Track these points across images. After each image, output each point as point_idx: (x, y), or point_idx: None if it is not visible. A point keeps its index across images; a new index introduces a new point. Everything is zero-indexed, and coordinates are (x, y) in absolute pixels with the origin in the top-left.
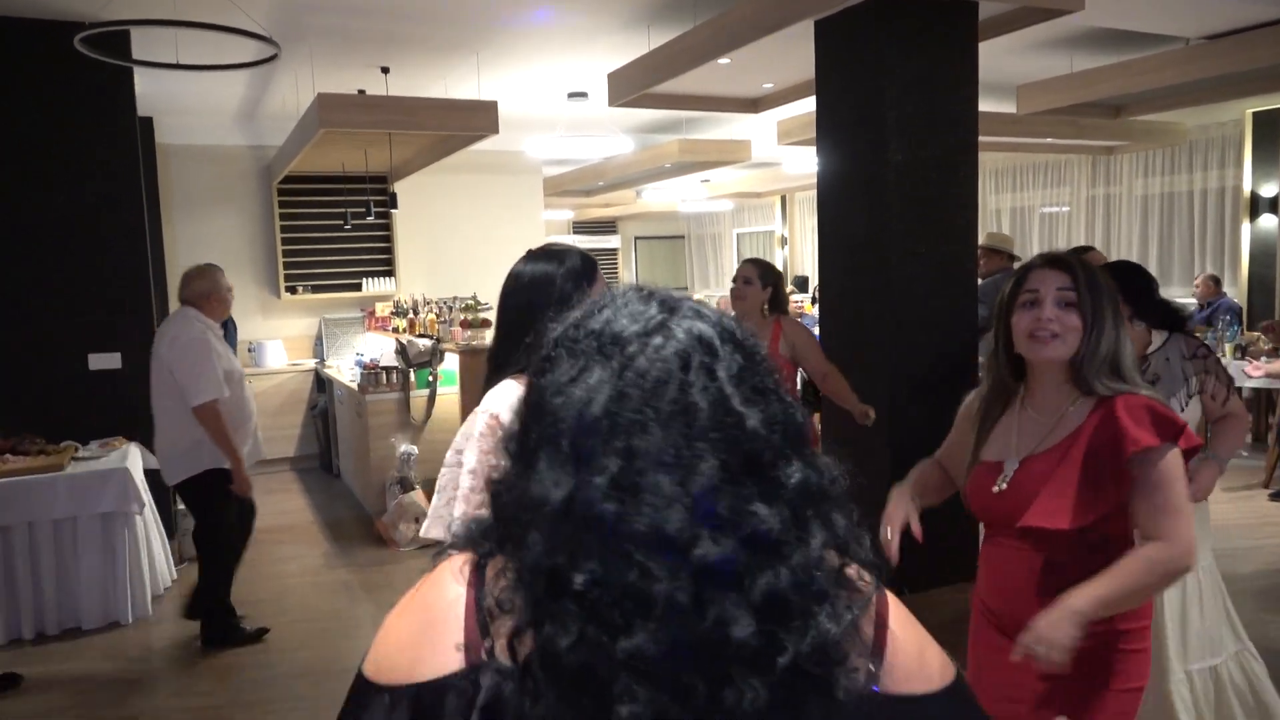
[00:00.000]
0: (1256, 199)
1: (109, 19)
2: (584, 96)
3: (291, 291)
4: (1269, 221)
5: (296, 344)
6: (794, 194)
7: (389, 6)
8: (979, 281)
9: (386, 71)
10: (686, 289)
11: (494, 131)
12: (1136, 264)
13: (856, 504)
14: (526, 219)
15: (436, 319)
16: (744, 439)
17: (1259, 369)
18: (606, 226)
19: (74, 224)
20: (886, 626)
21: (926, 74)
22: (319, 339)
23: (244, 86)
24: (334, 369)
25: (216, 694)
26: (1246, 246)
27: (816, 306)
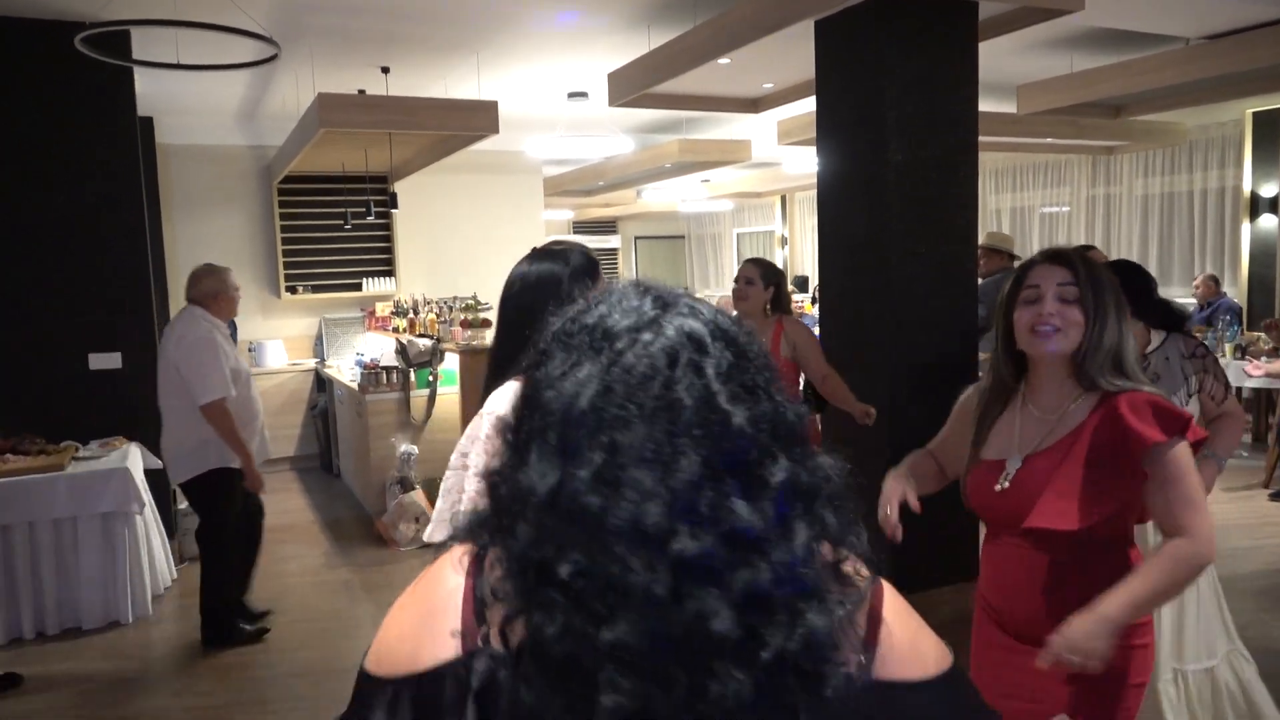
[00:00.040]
0: (1256, 199)
1: (109, 19)
2: (584, 96)
3: (292, 291)
4: (1269, 221)
5: (297, 344)
6: (794, 194)
7: (389, 6)
8: (979, 281)
9: (387, 71)
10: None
11: (494, 131)
12: (1135, 263)
13: (857, 502)
14: (527, 219)
15: (437, 319)
16: (728, 436)
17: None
18: (607, 226)
19: (74, 224)
20: (880, 617)
21: (927, 74)
22: (319, 339)
23: (244, 86)
24: (334, 369)
25: (217, 694)
26: (1246, 246)
27: (816, 306)
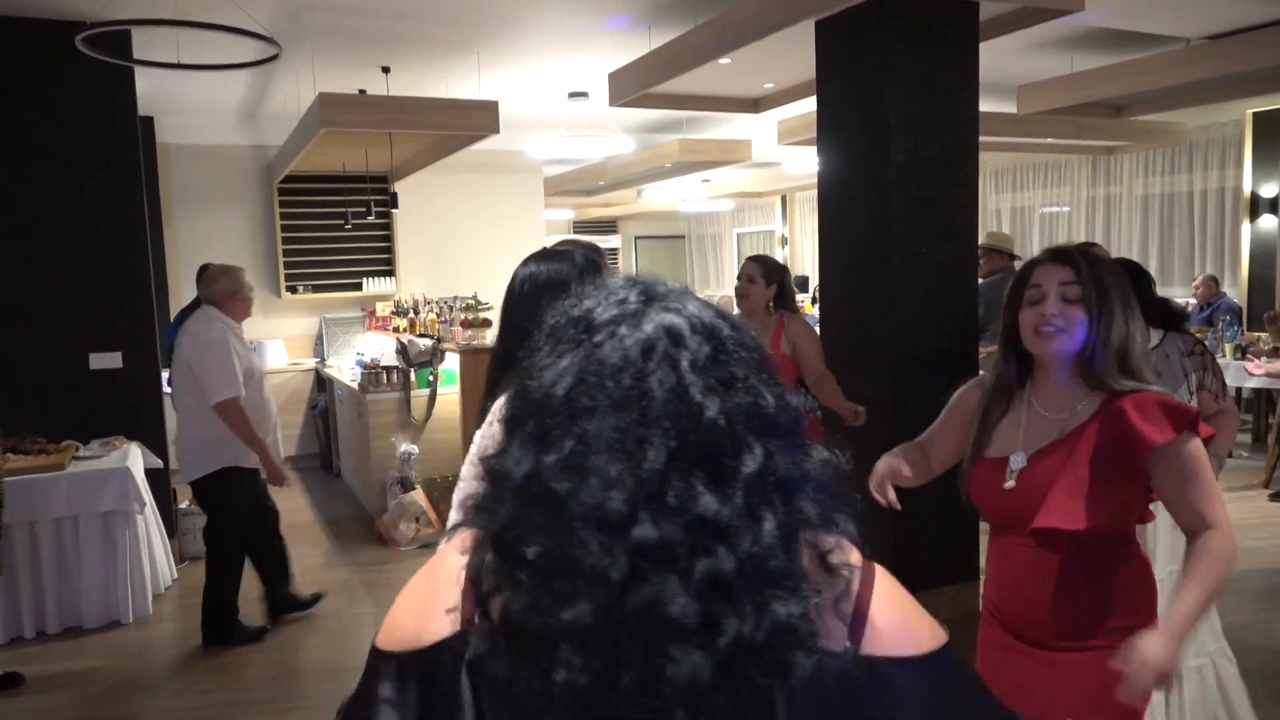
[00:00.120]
0: (1257, 199)
1: (110, 19)
2: (585, 96)
3: (292, 291)
4: (1269, 222)
5: (297, 343)
6: (794, 194)
7: (390, 6)
8: (979, 281)
9: (387, 71)
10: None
11: (495, 131)
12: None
13: (850, 492)
14: (527, 219)
15: (437, 318)
16: (699, 428)
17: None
18: (607, 226)
19: (75, 223)
20: (870, 599)
21: (927, 74)
22: (319, 338)
23: (245, 86)
24: (334, 368)
25: (217, 693)
26: (1246, 247)
27: (817, 306)
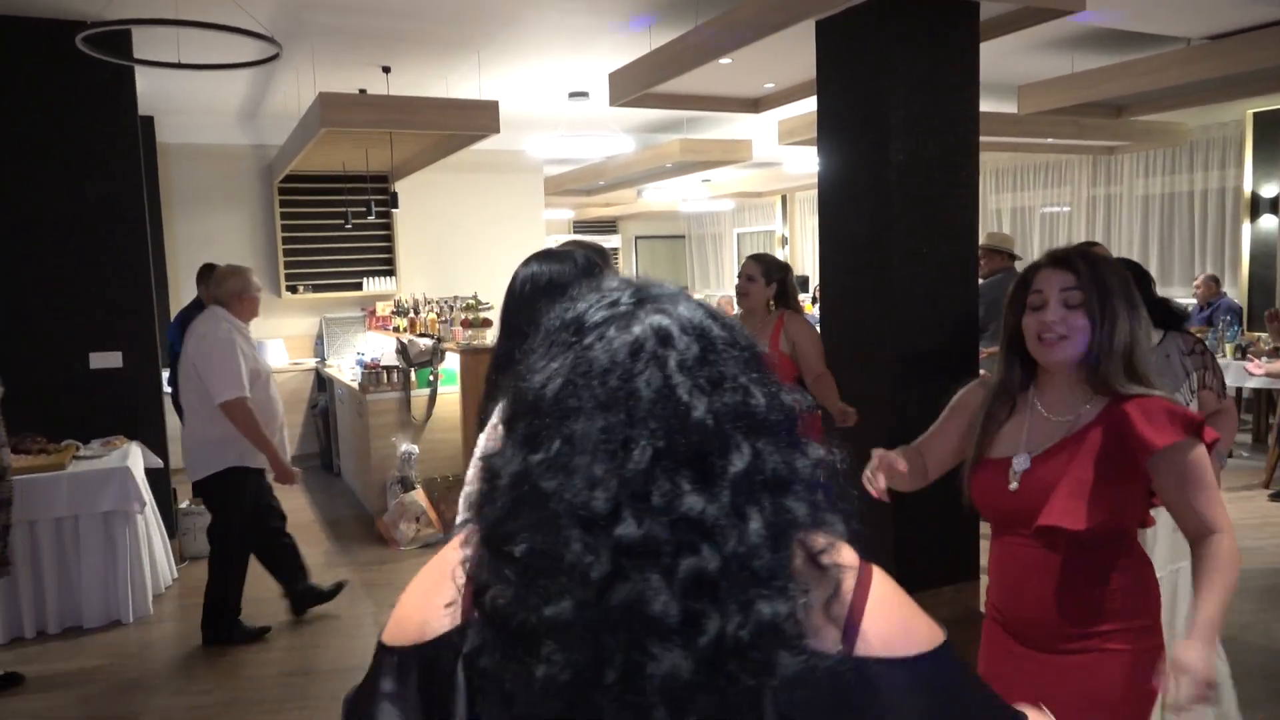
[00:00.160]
0: (1257, 199)
1: (111, 18)
2: (585, 96)
3: (292, 290)
4: (1269, 222)
5: (297, 343)
6: (795, 194)
7: (390, 5)
8: (980, 281)
9: (388, 71)
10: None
11: (495, 131)
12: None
13: (847, 492)
14: (527, 218)
15: (437, 318)
16: (686, 428)
17: (1260, 368)
18: (607, 226)
19: (75, 223)
20: (865, 600)
21: (928, 74)
22: (320, 338)
23: (245, 86)
24: (335, 368)
25: (217, 692)
26: (1247, 247)
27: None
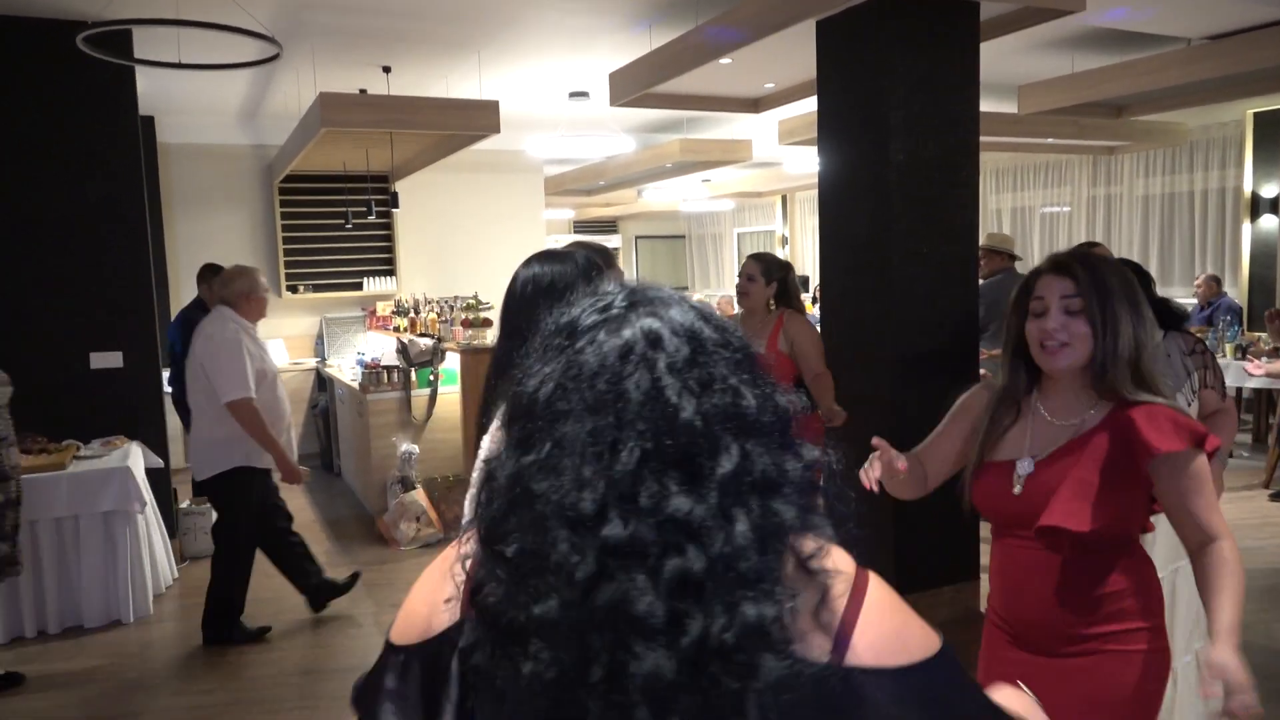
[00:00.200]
0: (1257, 199)
1: (111, 18)
2: (585, 96)
3: (293, 290)
4: (1270, 222)
5: (297, 343)
6: (795, 194)
7: (390, 5)
8: (980, 282)
9: (388, 71)
10: (687, 288)
11: (495, 131)
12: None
13: (843, 494)
14: (528, 218)
15: (438, 318)
16: (674, 429)
17: (1259, 369)
18: (607, 226)
19: (75, 223)
20: (860, 607)
21: (928, 74)
22: (320, 338)
23: (245, 85)
24: (335, 368)
25: (217, 692)
26: (1247, 247)
27: (817, 306)
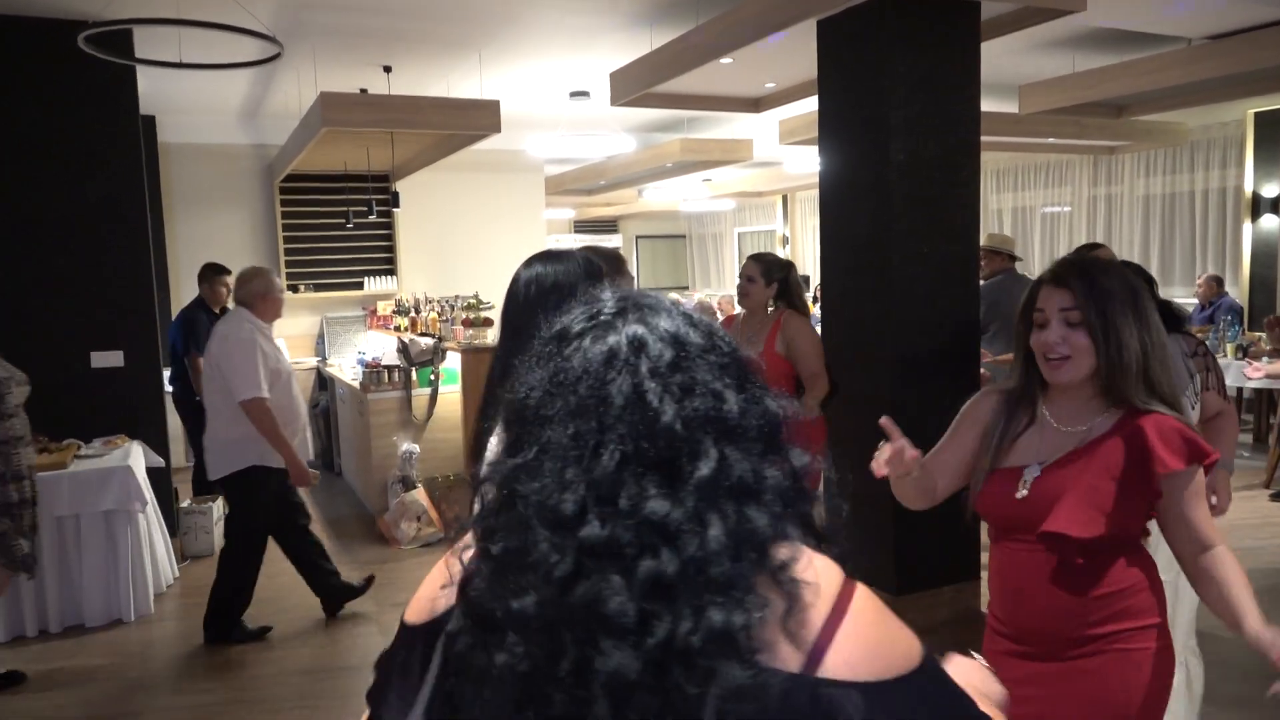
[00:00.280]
0: (1258, 199)
1: (112, 18)
2: (586, 96)
3: (293, 290)
4: (1270, 222)
5: (298, 342)
6: (795, 193)
7: (391, 5)
8: (980, 283)
9: (389, 70)
10: (688, 288)
11: (496, 130)
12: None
13: (824, 500)
14: (528, 218)
15: (438, 318)
16: (653, 433)
17: (1259, 370)
18: (608, 225)
19: (76, 222)
20: (838, 621)
21: (929, 74)
22: (321, 337)
23: (246, 85)
24: (336, 367)
25: (218, 691)
26: (1248, 247)
27: (818, 306)
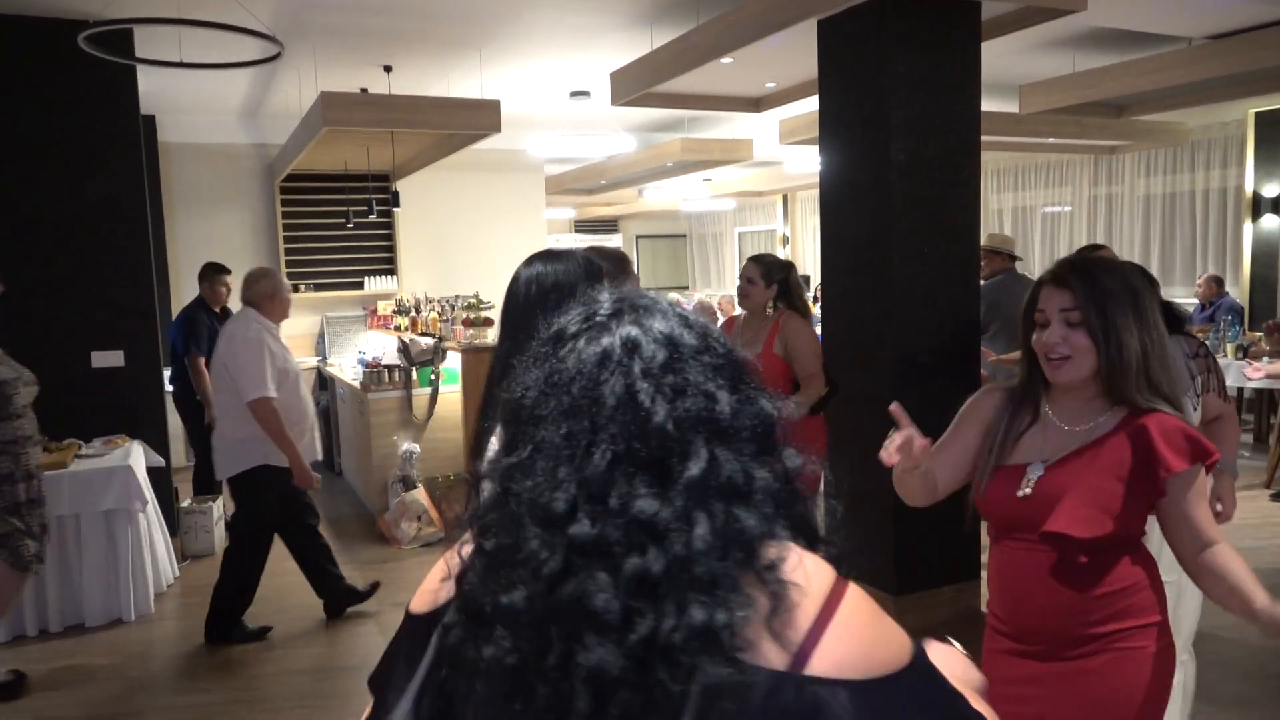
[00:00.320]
0: (1258, 199)
1: (113, 17)
2: (586, 95)
3: (294, 289)
4: (1271, 222)
5: (298, 342)
6: (796, 193)
7: (391, 4)
8: (981, 282)
9: (389, 70)
10: (688, 288)
11: (496, 130)
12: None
13: (811, 501)
14: (528, 218)
15: (439, 317)
16: (644, 433)
17: (1259, 370)
18: (608, 225)
19: (76, 222)
20: (827, 620)
21: (929, 74)
22: (321, 337)
23: (247, 85)
24: (336, 367)
25: (218, 691)
26: (1248, 246)
27: (818, 306)
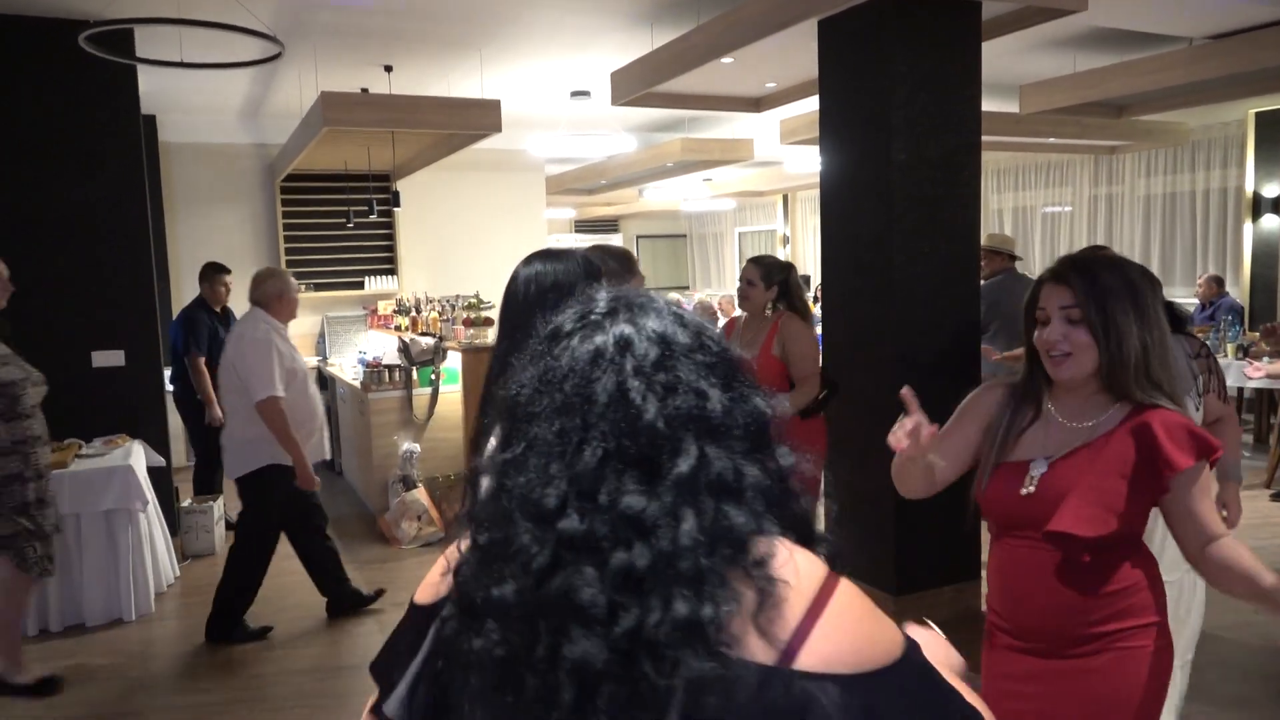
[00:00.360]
0: (1259, 199)
1: (113, 17)
2: (587, 95)
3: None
4: (1271, 222)
5: (299, 342)
6: (796, 193)
7: (392, 4)
8: (981, 282)
9: (389, 70)
10: (688, 288)
11: (497, 130)
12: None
13: (807, 498)
14: (529, 218)
15: (439, 317)
16: (635, 430)
17: (1259, 370)
18: (608, 225)
19: (77, 222)
20: (817, 615)
21: (930, 74)
22: (321, 337)
23: (247, 84)
24: (336, 367)
25: (218, 690)
26: (1249, 247)
27: (819, 306)
